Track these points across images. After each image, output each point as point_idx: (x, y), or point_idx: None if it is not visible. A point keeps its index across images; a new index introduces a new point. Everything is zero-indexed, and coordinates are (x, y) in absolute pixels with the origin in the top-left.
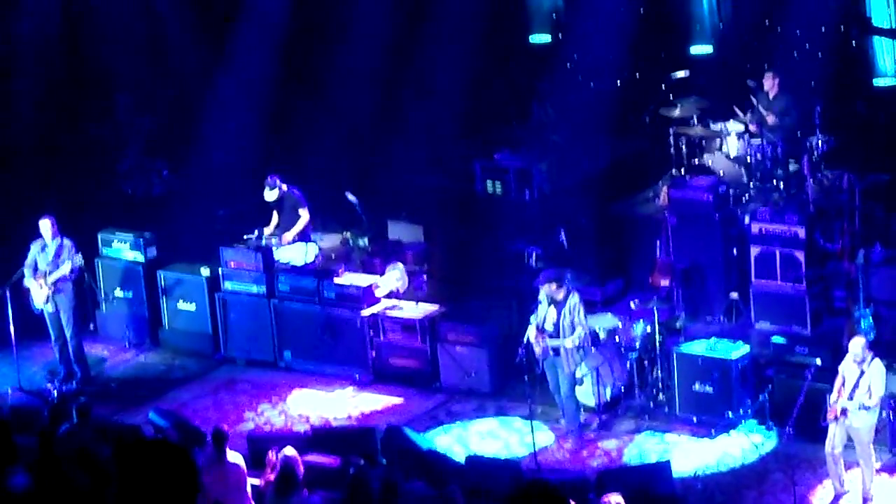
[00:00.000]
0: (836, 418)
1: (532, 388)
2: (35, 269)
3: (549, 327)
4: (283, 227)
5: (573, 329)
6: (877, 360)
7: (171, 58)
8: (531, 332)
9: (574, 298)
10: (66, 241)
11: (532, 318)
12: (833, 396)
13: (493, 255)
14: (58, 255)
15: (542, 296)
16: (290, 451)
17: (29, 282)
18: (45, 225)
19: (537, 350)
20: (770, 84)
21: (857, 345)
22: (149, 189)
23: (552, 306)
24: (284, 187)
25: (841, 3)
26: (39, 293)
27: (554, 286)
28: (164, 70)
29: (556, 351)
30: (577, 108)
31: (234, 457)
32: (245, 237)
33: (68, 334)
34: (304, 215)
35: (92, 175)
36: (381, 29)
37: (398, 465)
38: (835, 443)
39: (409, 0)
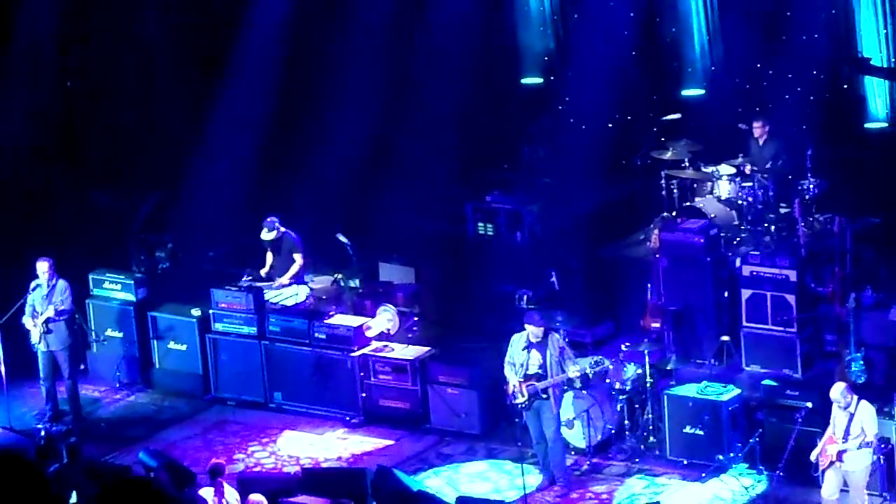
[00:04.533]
0: (831, 464)
1: (523, 430)
2: (34, 308)
3: (534, 371)
4: (277, 269)
5: (561, 366)
6: (864, 401)
7: (161, 95)
8: (512, 382)
9: (555, 336)
10: (61, 283)
11: (508, 370)
12: (816, 451)
13: (484, 296)
14: (50, 295)
15: (521, 341)
16: (257, 497)
17: (26, 320)
18: (43, 266)
19: (521, 399)
20: (760, 132)
21: (837, 391)
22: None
23: (534, 350)
24: (283, 229)
25: (834, 46)
26: (34, 332)
27: (542, 329)
28: (154, 108)
29: (546, 392)
30: (568, 151)
31: (231, 493)
32: (244, 279)
33: (65, 374)
34: (298, 260)
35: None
36: (373, 71)
37: None
38: (831, 489)
39: (401, 41)
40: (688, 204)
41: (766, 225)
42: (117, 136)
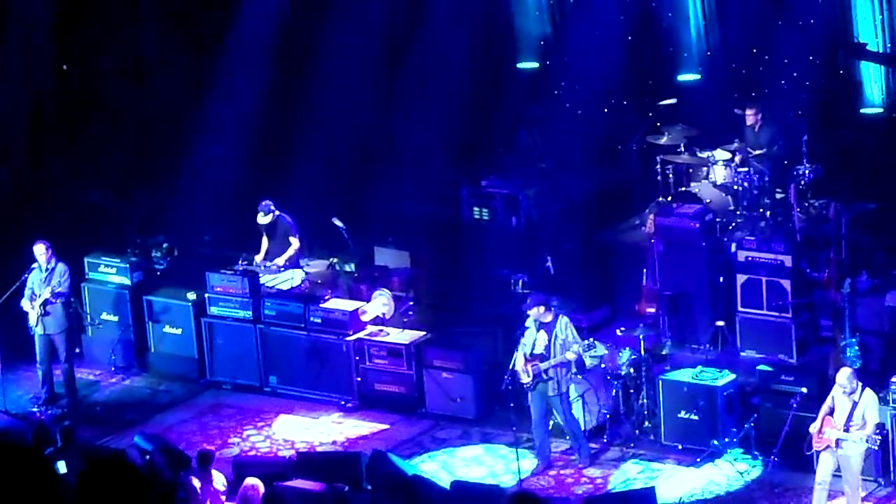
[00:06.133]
0: (827, 447)
1: (517, 414)
2: (32, 291)
3: (539, 351)
4: (272, 254)
5: (566, 347)
6: (868, 389)
7: (156, 80)
8: (519, 362)
9: (564, 319)
10: (60, 266)
11: (519, 349)
12: (815, 425)
13: (479, 281)
14: (49, 278)
15: (530, 322)
16: (252, 481)
17: (24, 303)
18: (40, 249)
19: (526, 379)
20: (753, 119)
21: (843, 376)
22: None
23: (541, 331)
24: (277, 213)
25: (829, 31)
26: (32, 315)
27: (542, 309)
28: (147, 93)
29: (548, 374)
30: (564, 135)
31: (218, 478)
32: (240, 263)
33: (62, 358)
34: (295, 243)
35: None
36: (368, 55)
37: (383, 491)
38: (825, 472)
39: (396, 26)
40: (683, 189)
41: (761, 210)
42: (111, 121)
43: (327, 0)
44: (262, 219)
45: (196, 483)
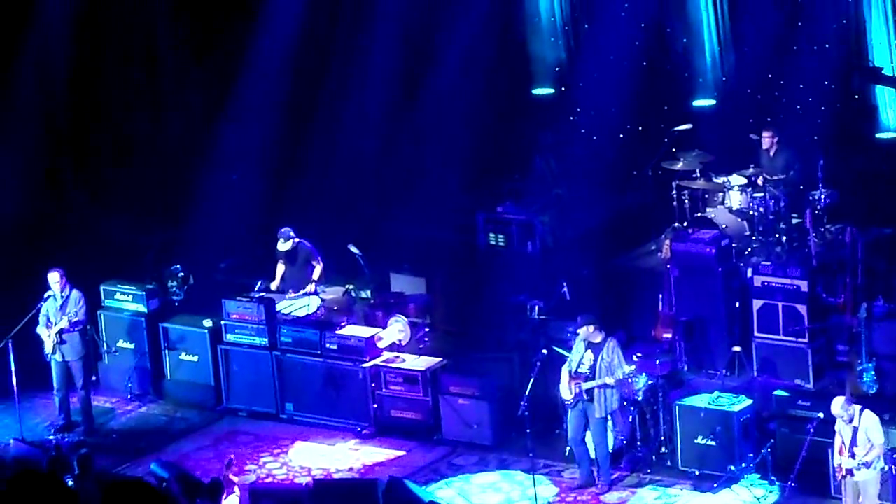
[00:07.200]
0: (843, 477)
1: (534, 441)
2: (48, 318)
3: (584, 370)
4: (290, 280)
5: (611, 370)
6: (866, 410)
7: (172, 106)
8: (564, 379)
9: (612, 342)
10: (75, 293)
11: (564, 367)
12: (836, 459)
13: (495, 307)
14: (64, 306)
15: (578, 340)
16: None
17: (40, 330)
18: (54, 277)
19: (568, 397)
20: (769, 142)
21: (836, 406)
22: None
23: (589, 350)
24: (297, 239)
25: (844, 56)
26: (48, 342)
27: (591, 329)
28: (163, 121)
29: (590, 394)
30: (579, 161)
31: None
32: (256, 290)
33: (78, 385)
34: (319, 266)
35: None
36: (384, 81)
37: None
38: (850, 501)
39: (412, 52)
40: (699, 214)
41: (777, 235)
42: (127, 149)
43: (342, 27)
44: (283, 245)
45: None
